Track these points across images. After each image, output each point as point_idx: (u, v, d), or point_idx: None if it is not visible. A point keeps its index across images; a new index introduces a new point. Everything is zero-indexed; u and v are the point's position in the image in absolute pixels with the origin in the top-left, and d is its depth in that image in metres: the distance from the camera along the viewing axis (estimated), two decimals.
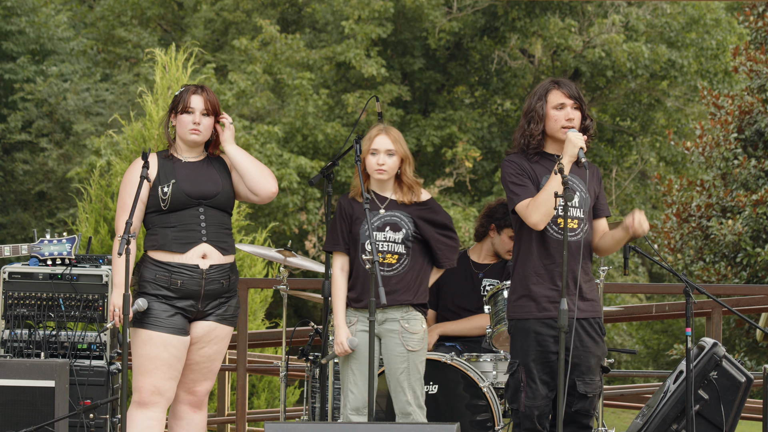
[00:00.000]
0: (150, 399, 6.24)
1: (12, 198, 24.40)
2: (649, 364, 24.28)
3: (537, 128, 6.36)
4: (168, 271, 6.23)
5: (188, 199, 6.28)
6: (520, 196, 6.29)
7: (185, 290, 6.24)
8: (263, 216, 21.78)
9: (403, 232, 6.57)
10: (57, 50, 24.69)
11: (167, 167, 6.34)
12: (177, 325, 6.23)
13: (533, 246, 6.29)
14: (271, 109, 23.12)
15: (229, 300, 6.39)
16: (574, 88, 6.38)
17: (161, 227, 6.27)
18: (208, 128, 6.38)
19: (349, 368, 6.57)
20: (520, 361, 6.31)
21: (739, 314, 7.51)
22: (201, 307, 6.29)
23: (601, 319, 6.41)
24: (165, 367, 6.23)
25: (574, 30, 23.18)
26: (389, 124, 6.78)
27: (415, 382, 6.55)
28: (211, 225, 6.30)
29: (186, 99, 6.34)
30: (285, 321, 7.81)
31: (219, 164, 6.46)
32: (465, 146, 22.65)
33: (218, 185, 6.35)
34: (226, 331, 6.41)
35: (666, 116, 24.35)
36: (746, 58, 16.93)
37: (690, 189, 17.20)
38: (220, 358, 6.45)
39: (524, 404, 6.27)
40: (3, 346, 7.46)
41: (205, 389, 6.44)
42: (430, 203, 6.67)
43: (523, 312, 6.32)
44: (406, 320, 6.55)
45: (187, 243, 6.25)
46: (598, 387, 6.35)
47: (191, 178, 6.33)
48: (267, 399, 13.17)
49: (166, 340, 6.21)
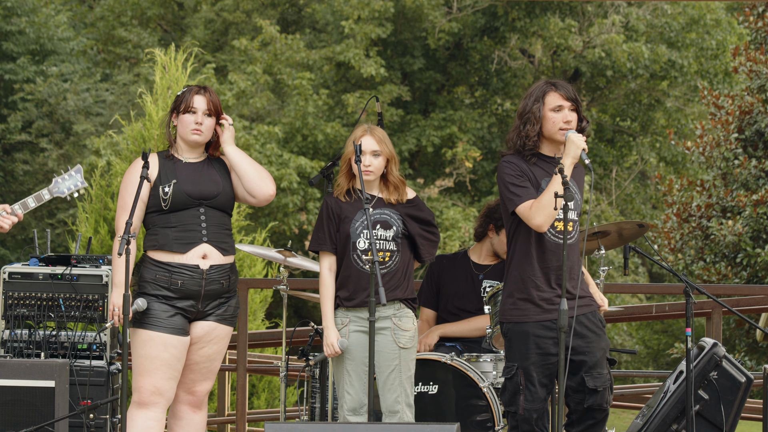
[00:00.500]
0: (150, 399, 6.25)
1: (12, 198, 24.40)
2: (649, 364, 24.28)
3: (533, 129, 6.35)
4: (168, 272, 6.24)
5: (189, 200, 6.29)
6: (521, 198, 6.28)
7: (185, 290, 6.24)
8: (263, 216, 21.79)
9: (393, 230, 6.57)
10: (57, 50, 24.70)
11: (168, 167, 6.35)
12: (177, 325, 6.24)
13: (531, 249, 6.29)
14: (271, 110, 23.12)
15: (229, 300, 6.40)
16: (570, 89, 6.39)
17: (162, 227, 6.27)
18: (209, 129, 6.39)
19: (344, 369, 6.55)
20: (518, 365, 6.31)
21: (739, 314, 7.51)
22: (201, 307, 6.29)
23: (598, 311, 6.42)
24: (165, 368, 6.23)
25: (574, 30, 23.18)
26: (373, 124, 6.78)
27: (405, 380, 6.53)
28: (211, 225, 6.31)
29: (189, 99, 6.34)
30: (285, 321, 7.81)
31: (219, 165, 6.46)
32: (465, 146, 22.65)
33: (219, 186, 6.36)
34: (226, 331, 6.41)
35: (666, 116, 24.35)
36: (746, 59, 16.93)
37: (690, 189, 17.20)
38: (219, 358, 6.45)
39: (523, 407, 6.27)
40: (3, 346, 7.46)
41: (205, 389, 6.44)
42: (416, 201, 6.69)
43: (520, 315, 6.32)
44: (398, 317, 6.55)
45: (187, 243, 6.25)
46: (607, 380, 6.35)
47: (192, 179, 6.33)
48: (267, 399, 13.17)
49: (166, 341, 6.21)
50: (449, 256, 8.00)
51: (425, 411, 7.20)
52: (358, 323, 6.54)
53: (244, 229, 15.86)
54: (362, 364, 6.52)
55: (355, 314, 6.55)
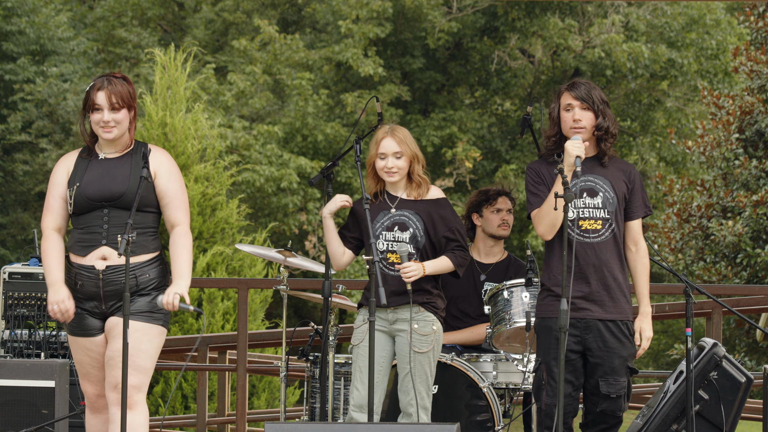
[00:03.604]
0: (99, 403, 6.18)
1: (12, 198, 24.40)
2: (649, 364, 24.28)
3: (552, 131, 6.43)
4: (72, 273, 6.10)
5: (90, 203, 6.09)
6: (532, 205, 6.39)
7: (87, 291, 6.08)
8: (263, 216, 21.78)
9: (410, 232, 6.57)
10: (57, 51, 24.69)
11: (80, 168, 6.16)
12: (88, 327, 6.10)
13: (556, 247, 6.33)
14: (271, 110, 23.12)
15: (142, 297, 6.08)
16: (583, 89, 6.39)
17: (74, 229, 6.15)
18: (122, 122, 6.11)
19: (357, 365, 6.60)
20: (542, 360, 6.34)
21: (739, 314, 7.51)
22: (105, 308, 6.11)
23: (630, 321, 6.39)
24: (93, 370, 6.14)
25: (574, 30, 23.18)
26: (395, 124, 6.78)
27: (419, 384, 6.54)
28: (114, 226, 6.08)
29: (92, 97, 6.09)
30: (285, 321, 7.80)
31: (138, 159, 6.16)
32: (465, 146, 22.65)
33: (124, 186, 6.08)
34: (136, 326, 6.03)
35: (666, 116, 24.35)
36: (746, 59, 16.93)
37: (690, 189, 17.19)
38: (139, 353, 6.03)
39: (545, 402, 6.29)
40: (3, 346, 7.46)
41: (131, 385, 6.02)
42: (442, 201, 6.67)
43: (546, 311, 6.35)
44: (416, 321, 6.55)
45: (88, 246, 6.08)
46: (622, 388, 6.36)
47: (98, 180, 6.10)
48: (267, 399, 13.17)
49: (83, 344, 6.11)
50: None
51: None
52: (379, 322, 6.56)
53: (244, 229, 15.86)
54: (377, 362, 6.54)
55: (377, 314, 6.56)
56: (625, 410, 6.45)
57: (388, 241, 6.59)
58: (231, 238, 13.69)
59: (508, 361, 7.41)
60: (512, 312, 7.21)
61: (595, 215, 6.34)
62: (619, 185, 6.39)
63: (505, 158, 23.58)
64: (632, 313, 6.45)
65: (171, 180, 6.14)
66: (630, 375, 6.41)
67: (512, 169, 22.58)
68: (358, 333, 6.66)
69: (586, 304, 6.27)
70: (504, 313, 7.20)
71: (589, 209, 6.34)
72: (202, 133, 13.85)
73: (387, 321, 6.60)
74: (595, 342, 6.28)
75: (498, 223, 7.78)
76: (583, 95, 6.38)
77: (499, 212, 7.78)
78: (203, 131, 13.92)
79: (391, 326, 6.61)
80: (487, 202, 7.81)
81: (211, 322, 12.87)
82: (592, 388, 6.34)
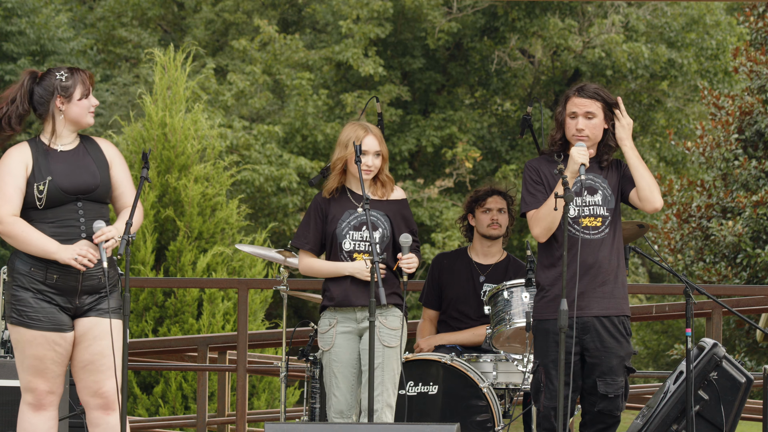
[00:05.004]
0: (47, 400, 6.10)
1: None
2: (649, 365, 24.28)
3: (557, 134, 6.45)
4: (44, 266, 6.03)
5: (65, 196, 6.06)
6: (528, 206, 6.38)
7: (62, 286, 6.04)
8: (263, 216, 21.79)
9: (380, 231, 6.51)
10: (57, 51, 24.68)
11: (42, 161, 6.12)
12: (58, 321, 6.04)
13: (553, 246, 6.34)
14: (271, 110, 23.12)
15: (110, 294, 6.11)
16: (589, 95, 6.37)
17: (38, 222, 6.05)
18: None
19: (331, 372, 6.50)
20: (540, 362, 6.34)
21: (739, 315, 7.51)
22: (78, 303, 6.08)
23: (626, 317, 6.40)
24: (54, 366, 6.06)
25: (574, 30, 23.18)
26: (368, 122, 6.75)
27: (387, 380, 6.43)
28: (90, 219, 6.07)
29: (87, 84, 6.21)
30: (285, 321, 7.81)
31: (94, 150, 6.26)
32: (465, 146, 22.65)
33: (96, 178, 6.13)
34: (116, 324, 6.07)
35: (666, 116, 24.35)
36: (746, 59, 16.93)
37: (690, 189, 17.20)
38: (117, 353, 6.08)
39: (543, 404, 6.29)
40: (3, 347, 7.45)
41: (112, 389, 6.10)
42: (405, 202, 6.63)
43: (543, 312, 6.35)
44: (384, 315, 6.46)
45: (65, 240, 6.02)
46: (620, 387, 6.37)
47: (68, 172, 6.10)
48: (267, 399, 13.17)
49: (50, 339, 6.03)
50: (449, 255, 7.97)
51: (425, 411, 7.20)
52: (345, 324, 6.50)
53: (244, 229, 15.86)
54: (349, 366, 6.48)
55: (343, 315, 6.51)
56: (622, 410, 6.46)
57: (355, 241, 6.51)
58: (231, 238, 13.69)
59: (508, 362, 7.41)
60: (512, 312, 7.22)
61: (595, 212, 6.37)
62: (614, 183, 6.43)
63: (505, 158, 23.58)
64: (629, 310, 6.46)
65: (124, 169, 6.29)
66: (627, 374, 6.42)
67: (512, 170, 22.59)
68: (327, 338, 6.54)
69: (583, 302, 6.27)
70: (504, 314, 7.20)
71: (590, 206, 6.37)
72: (201, 133, 13.86)
73: (354, 320, 6.50)
74: (593, 342, 6.29)
75: (487, 223, 7.75)
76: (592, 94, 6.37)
77: (489, 212, 7.75)
78: (203, 131, 13.93)
79: (359, 325, 6.50)
80: (476, 202, 7.80)
81: (211, 323, 12.87)
82: (589, 387, 6.35)
